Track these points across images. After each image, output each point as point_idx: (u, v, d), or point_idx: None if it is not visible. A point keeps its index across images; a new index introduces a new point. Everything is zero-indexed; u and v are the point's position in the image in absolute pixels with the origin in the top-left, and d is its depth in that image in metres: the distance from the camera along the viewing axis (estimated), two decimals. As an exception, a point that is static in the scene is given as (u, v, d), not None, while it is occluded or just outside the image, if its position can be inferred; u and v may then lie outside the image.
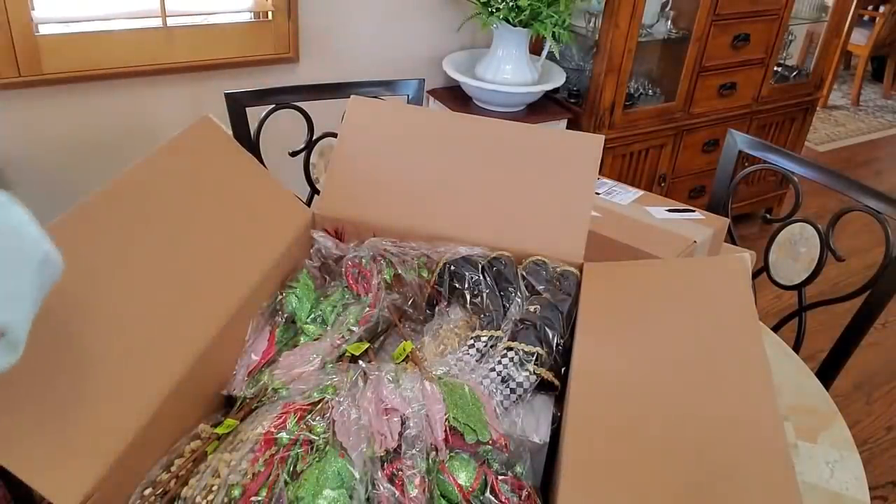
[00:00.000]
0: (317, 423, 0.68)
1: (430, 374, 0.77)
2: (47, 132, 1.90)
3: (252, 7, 2.06)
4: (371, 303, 0.91)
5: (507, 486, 0.69)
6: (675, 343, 0.79)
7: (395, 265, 0.95)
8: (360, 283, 0.94)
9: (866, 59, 4.34)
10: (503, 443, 0.71)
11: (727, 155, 1.56)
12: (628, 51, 2.19)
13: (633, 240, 1.10)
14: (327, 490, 0.63)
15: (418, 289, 0.94)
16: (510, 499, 0.68)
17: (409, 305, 0.94)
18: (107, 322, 0.73)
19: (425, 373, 0.77)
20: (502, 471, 0.71)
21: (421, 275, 0.95)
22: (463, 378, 0.79)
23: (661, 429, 0.68)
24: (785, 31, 2.57)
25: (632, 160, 2.45)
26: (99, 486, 0.61)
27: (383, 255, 0.96)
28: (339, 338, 0.86)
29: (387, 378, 0.74)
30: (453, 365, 0.81)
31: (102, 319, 0.73)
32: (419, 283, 0.94)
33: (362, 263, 0.95)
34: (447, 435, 0.69)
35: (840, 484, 0.90)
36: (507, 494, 0.68)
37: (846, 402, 2.15)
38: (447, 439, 0.69)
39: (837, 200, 2.93)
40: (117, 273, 0.76)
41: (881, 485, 1.90)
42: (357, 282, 0.95)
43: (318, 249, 0.98)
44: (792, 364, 1.13)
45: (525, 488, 0.70)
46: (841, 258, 1.32)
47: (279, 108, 1.48)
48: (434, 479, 0.67)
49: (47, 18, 1.79)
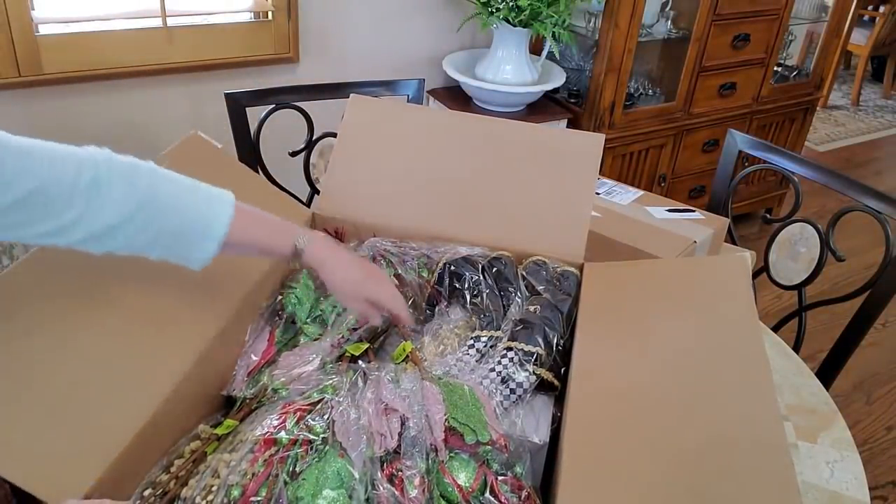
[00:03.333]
0: (316, 423, 0.67)
1: (429, 374, 0.77)
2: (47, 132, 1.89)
3: (252, 7, 2.05)
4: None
5: (506, 487, 0.69)
6: (676, 342, 0.79)
7: (395, 265, 0.95)
8: None
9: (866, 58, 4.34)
10: (503, 443, 0.71)
11: (727, 155, 1.56)
12: (628, 51, 2.19)
13: (633, 240, 1.09)
14: (327, 490, 0.63)
15: (418, 289, 0.94)
16: (510, 499, 0.68)
17: (410, 305, 0.94)
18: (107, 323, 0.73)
19: (425, 373, 0.77)
20: (502, 471, 0.71)
21: (421, 275, 0.95)
22: (463, 378, 0.79)
23: (661, 428, 0.68)
24: (785, 31, 2.57)
25: (632, 160, 2.45)
26: (98, 486, 0.61)
27: (383, 255, 0.96)
28: (339, 338, 0.86)
29: (386, 378, 0.74)
30: (453, 365, 0.81)
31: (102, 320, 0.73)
32: (419, 283, 0.94)
33: (362, 263, 0.95)
34: (447, 435, 0.69)
35: (840, 484, 0.90)
36: (506, 495, 0.68)
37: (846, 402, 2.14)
38: (447, 440, 0.69)
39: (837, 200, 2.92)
40: (117, 275, 0.76)
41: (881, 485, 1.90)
42: None
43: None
44: (792, 364, 1.13)
45: (525, 489, 0.70)
46: (841, 258, 1.31)
47: (279, 108, 1.48)
48: (434, 480, 0.67)
49: (47, 18, 1.79)
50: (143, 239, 0.68)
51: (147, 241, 0.68)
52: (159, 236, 0.68)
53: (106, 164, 0.66)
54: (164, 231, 0.68)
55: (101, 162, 0.66)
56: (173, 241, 0.69)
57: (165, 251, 0.70)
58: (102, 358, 0.70)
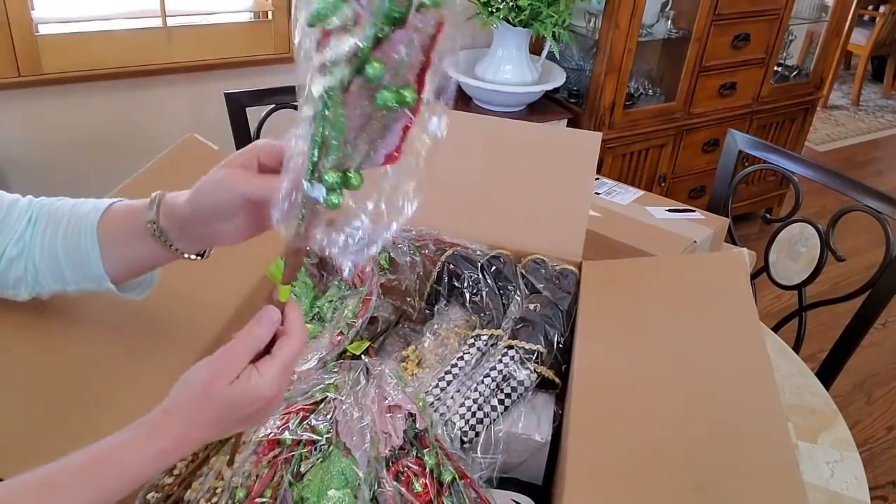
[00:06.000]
0: (319, 423, 0.67)
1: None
2: (47, 132, 1.90)
3: (252, 7, 2.05)
4: (368, 292, 0.90)
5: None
6: (676, 339, 0.79)
7: (387, 248, 0.94)
8: (355, 272, 0.94)
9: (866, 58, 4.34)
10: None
11: (727, 155, 1.56)
12: (628, 51, 2.19)
13: (632, 240, 1.09)
14: (332, 490, 0.62)
15: (411, 271, 0.93)
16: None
17: (409, 305, 0.94)
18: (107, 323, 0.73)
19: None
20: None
21: (414, 258, 0.94)
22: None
23: (664, 425, 0.68)
24: (785, 31, 2.57)
25: (632, 160, 2.45)
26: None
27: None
28: (338, 333, 0.86)
29: (389, 374, 0.74)
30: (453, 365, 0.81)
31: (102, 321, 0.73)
32: (411, 264, 0.93)
33: (353, 250, 0.95)
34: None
35: (840, 484, 0.90)
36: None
37: (846, 402, 2.14)
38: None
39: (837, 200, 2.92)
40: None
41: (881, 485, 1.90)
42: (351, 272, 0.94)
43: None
44: (792, 364, 1.13)
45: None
46: (841, 258, 1.31)
47: (279, 108, 1.48)
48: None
49: (47, 18, 1.79)
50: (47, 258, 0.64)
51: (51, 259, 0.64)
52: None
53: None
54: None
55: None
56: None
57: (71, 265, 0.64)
58: (103, 359, 0.70)
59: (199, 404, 0.50)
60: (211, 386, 0.50)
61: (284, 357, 0.52)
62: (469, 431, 0.74)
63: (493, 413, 0.76)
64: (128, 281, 0.66)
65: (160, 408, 0.50)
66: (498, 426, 0.76)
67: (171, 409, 0.50)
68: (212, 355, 0.51)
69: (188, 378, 0.51)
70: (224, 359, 0.51)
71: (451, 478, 0.67)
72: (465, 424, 0.74)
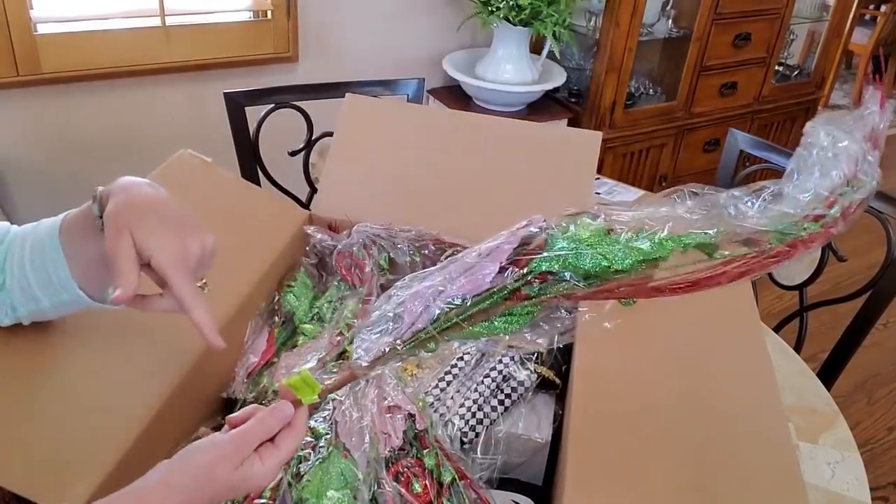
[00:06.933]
0: (319, 424, 0.67)
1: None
2: (46, 132, 1.89)
3: (251, 6, 2.05)
4: (368, 292, 0.90)
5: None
6: (676, 339, 0.79)
7: (387, 249, 0.94)
8: (355, 272, 0.94)
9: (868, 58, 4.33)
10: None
11: (728, 154, 1.56)
12: (629, 50, 2.19)
13: (633, 239, 1.09)
14: (331, 491, 0.62)
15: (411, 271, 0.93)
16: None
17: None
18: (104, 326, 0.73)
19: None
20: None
21: (414, 258, 0.94)
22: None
23: (664, 425, 0.68)
24: (786, 31, 2.56)
25: (632, 160, 2.45)
26: (99, 492, 0.60)
27: (374, 240, 0.96)
28: (338, 333, 0.85)
29: (389, 375, 0.74)
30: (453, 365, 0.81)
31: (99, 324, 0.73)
32: (411, 264, 0.93)
33: (353, 252, 0.95)
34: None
35: (841, 484, 0.89)
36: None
37: (847, 402, 2.14)
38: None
39: (838, 200, 2.92)
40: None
41: (882, 485, 1.90)
42: (351, 272, 0.94)
43: (314, 245, 0.98)
44: (793, 364, 1.13)
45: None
46: (842, 258, 1.31)
47: (278, 107, 1.47)
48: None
49: (46, 18, 1.79)
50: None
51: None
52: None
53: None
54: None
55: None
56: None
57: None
58: (100, 362, 0.70)
59: (202, 483, 0.51)
60: (218, 468, 0.51)
61: (286, 451, 0.54)
62: (469, 432, 0.74)
63: (493, 413, 0.76)
64: (101, 291, 0.65)
65: (160, 478, 0.51)
66: (498, 426, 0.75)
67: (173, 482, 0.51)
68: (222, 435, 0.53)
69: (193, 455, 0.52)
70: (234, 444, 0.52)
71: (451, 478, 0.66)
72: (464, 425, 0.74)
